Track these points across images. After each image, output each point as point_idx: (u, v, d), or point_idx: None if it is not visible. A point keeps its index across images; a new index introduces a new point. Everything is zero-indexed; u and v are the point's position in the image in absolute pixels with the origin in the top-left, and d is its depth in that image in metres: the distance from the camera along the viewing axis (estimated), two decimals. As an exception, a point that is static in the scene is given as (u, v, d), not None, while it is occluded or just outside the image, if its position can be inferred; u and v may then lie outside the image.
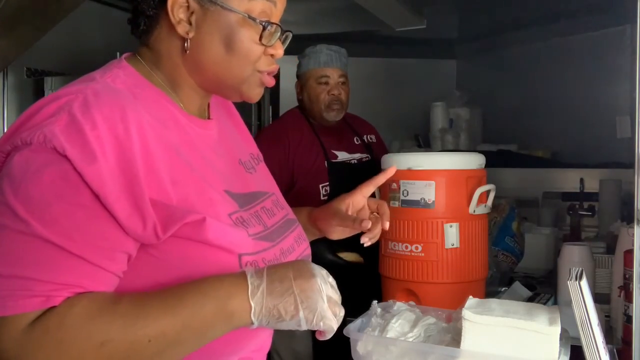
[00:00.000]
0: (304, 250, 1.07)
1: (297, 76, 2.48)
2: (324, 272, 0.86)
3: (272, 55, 0.97)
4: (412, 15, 3.36)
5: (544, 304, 1.77)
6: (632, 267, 1.29)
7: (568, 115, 3.66)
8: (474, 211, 1.68)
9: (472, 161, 1.76)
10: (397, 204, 1.70)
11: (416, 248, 1.67)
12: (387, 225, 1.20)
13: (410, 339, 1.27)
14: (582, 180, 2.73)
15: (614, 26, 3.30)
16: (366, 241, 1.20)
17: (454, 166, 1.71)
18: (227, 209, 0.89)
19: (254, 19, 0.91)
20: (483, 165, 1.78)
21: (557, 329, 1.15)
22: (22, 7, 1.90)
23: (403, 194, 1.69)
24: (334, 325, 0.85)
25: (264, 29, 0.92)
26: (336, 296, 0.86)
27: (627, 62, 2.23)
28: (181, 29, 0.90)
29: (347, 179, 1.70)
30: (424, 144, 4.17)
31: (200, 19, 0.90)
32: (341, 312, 0.86)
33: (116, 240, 0.78)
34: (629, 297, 1.43)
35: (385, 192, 1.76)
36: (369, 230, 1.15)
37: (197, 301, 0.78)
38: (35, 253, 0.74)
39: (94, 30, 2.80)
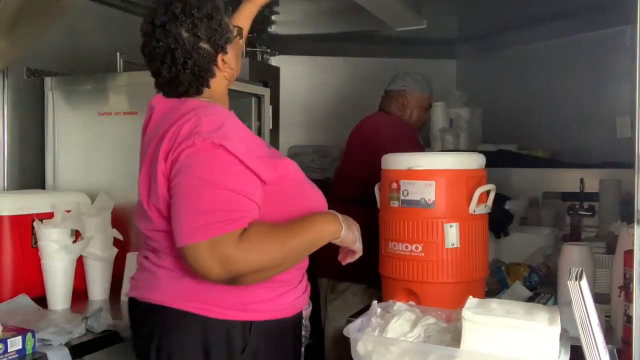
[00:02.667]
0: None
1: (402, 91, 2.72)
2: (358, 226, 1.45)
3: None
4: (412, 15, 3.36)
5: (544, 304, 1.77)
6: (632, 267, 1.29)
7: (568, 115, 3.66)
8: (474, 211, 1.68)
9: (472, 161, 1.76)
10: (397, 204, 1.71)
11: (416, 248, 1.67)
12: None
13: (410, 339, 1.27)
14: (582, 180, 2.73)
15: (614, 26, 3.30)
16: None
17: (454, 166, 1.71)
18: (278, 153, 1.52)
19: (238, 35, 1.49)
20: (483, 165, 1.78)
21: (557, 329, 1.15)
22: (22, 7, 1.90)
23: (403, 194, 1.69)
24: (360, 252, 1.46)
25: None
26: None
27: (627, 62, 2.23)
28: (226, 70, 1.47)
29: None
30: (424, 144, 4.17)
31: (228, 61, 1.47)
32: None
33: (257, 185, 1.30)
34: (629, 297, 1.43)
35: (385, 192, 1.76)
36: None
37: (315, 226, 1.35)
38: (228, 197, 1.25)
39: (94, 30, 2.80)
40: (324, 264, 2.55)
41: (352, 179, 2.58)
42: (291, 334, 1.45)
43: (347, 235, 1.39)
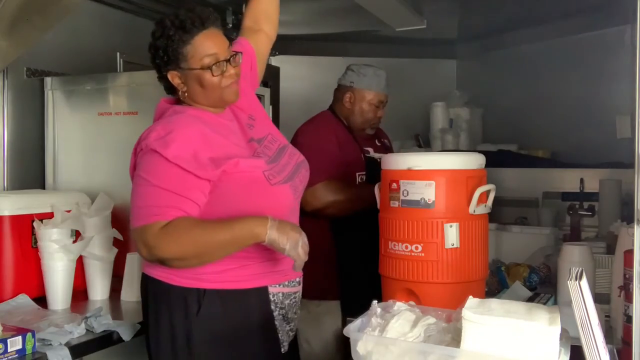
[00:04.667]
0: (297, 159, 1.76)
1: (349, 87, 2.58)
2: (305, 237, 1.55)
3: (229, 75, 1.62)
4: (412, 15, 3.36)
5: (544, 304, 1.77)
6: (632, 267, 1.29)
7: (568, 115, 3.66)
8: (474, 211, 1.68)
9: (472, 161, 1.76)
10: (397, 204, 1.70)
11: (416, 248, 1.67)
12: None
13: (410, 339, 1.27)
14: (582, 180, 2.73)
15: (614, 26, 3.30)
16: None
17: (454, 166, 1.70)
18: (250, 150, 1.65)
19: (203, 68, 1.60)
20: (483, 165, 1.78)
21: (557, 329, 1.15)
22: (22, 7, 1.90)
23: (403, 194, 1.69)
24: (299, 260, 1.54)
25: (212, 70, 1.60)
26: (306, 249, 1.55)
27: (627, 62, 2.23)
28: (180, 88, 1.64)
29: (377, 171, 1.89)
30: (424, 144, 4.17)
31: (185, 79, 1.63)
32: (305, 256, 1.55)
33: (193, 184, 1.50)
34: (629, 297, 1.43)
35: (385, 192, 1.76)
36: None
37: (237, 227, 1.50)
38: (159, 194, 1.49)
39: (94, 30, 2.80)
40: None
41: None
42: (254, 304, 1.61)
43: (276, 241, 1.49)
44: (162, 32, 1.59)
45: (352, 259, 2.35)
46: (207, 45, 1.59)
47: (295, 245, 1.51)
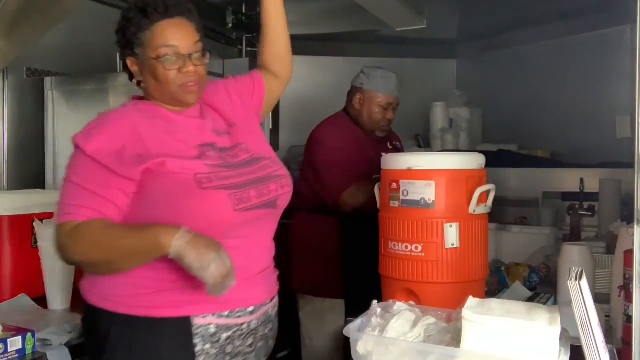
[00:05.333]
0: (271, 172, 1.53)
1: (359, 88, 2.63)
2: (226, 258, 1.28)
3: (187, 72, 1.45)
4: (412, 15, 3.36)
5: (544, 304, 1.77)
6: (632, 267, 1.29)
7: (568, 115, 3.66)
8: (474, 211, 1.68)
9: (472, 161, 1.76)
10: (397, 204, 1.70)
11: (416, 248, 1.67)
12: None
13: (410, 339, 1.27)
14: (582, 180, 2.73)
15: (614, 26, 3.30)
16: None
17: (454, 166, 1.70)
18: (193, 153, 1.43)
19: (158, 58, 1.44)
20: (483, 165, 1.78)
21: (557, 329, 1.15)
22: (22, 7, 1.90)
23: (403, 194, 1.69)
24: (210, 283, 1.27)
25: (164, 62, 1.44)
26: (224, 271, 1.27)
27: (627, 62, 2.22)
28: (137, 77, 1.51)
29: None
30: (424, 144, 4.17)
31: (142, 68, 1.48)
32: (229, 281, 1.28)
33: (110, 182, 1.35)
34: (629, 297, 1.43)
35: (385, 192, 1.76)
36: None
37: (144, 235, 1.32)
38: (74, 192, 1.37)
39: (94, 30, 2.80)
40: (298, 279, 2.57)
41: (304, 189, 2.60)
42: (168, 336, 1.39)
43: (182, 255, 1.26)
44: (126, 13, 1.49)
45: (358, 258, 2.36)
46: (166, 34, 1.44)
47: (205, 265, 1.25)
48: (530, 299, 1.86)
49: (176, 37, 1.44)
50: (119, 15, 1.52)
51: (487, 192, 1.72)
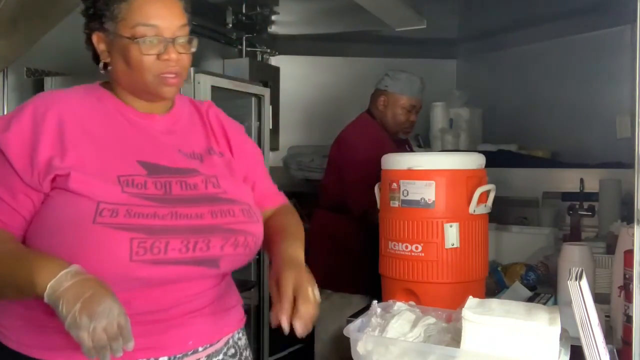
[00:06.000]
0: (227, 224, 1.19)
1: (383, 90, 2.67)
2: (118, 316, 0.95)
3: (167, 60, 1.19)
4: (412, 15, 3.36)
5: (544, 304, 1.77)
6: (632, 267, 1.29)
7: (568, 115, 3.66)
8: (474, 211, 1.68)
9: (472, 161, 1.76)
10: (397, 204, 1.70)
11: (416, 248, 1.67)
12: (298, 326, 1.13)
13: (410, 339, 1.27)
14: (582, 180, 2.73)
15: (614, 26, 3.30)
16: (286, 327, 1.12)
17: (454, 166, 1.70)
18: (121, 171, 1.13)
19: (133, 39, 1.17)
20: (483, 165, 1.78)
21: (557, 329, 1.15)
22: (22, 7, 1.90)
23: (403, 194, 1.69)
24: (85, 346, 0.94)
25: (141, 44, 1.17)
26: (112, 332, 0.94)
27: (627, 62, 2.23)
28: (103, 57, 1.25)
29: None
30: (424, 144, 4.17)
31: (110, 47, 1.22)
32: (117, 345, 0.94)
33: (12, 184, 1.10)
34: (629, 297, 1.43)
35: (385, 192, 1.76)
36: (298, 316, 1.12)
37: (27, 265, 1.02)
38: None
39: (94, 30, 2.80)
40: (319, 272, 2.58)
41: (328, 189, 2.66)
42: None
43: (56, 304, 0.95)
44: None
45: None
46: (147, 10, 1.17)
47: (81, 322, 0.92)
48: (530, 299, 1.86)
49: (159, 15, 1.18)
50: None
51: (487, 192, 1.72)
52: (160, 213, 1.11)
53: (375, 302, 1.45)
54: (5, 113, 2.44)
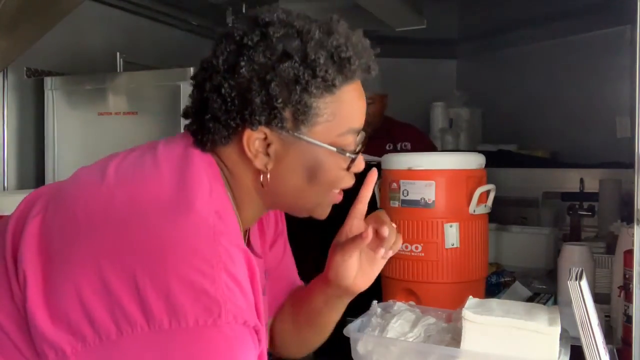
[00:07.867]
0: None
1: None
2: None
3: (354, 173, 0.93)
4: (412, 15, 3.35)
5: (544, 304, 1.77)
6: (632, 267, 1.29)
7: (568, 115, 3.66)
8: (474, 211, 1.68)
9: (472, 161, 1.76)
10: (397, 204, 1.70)
11: (416, 248, 1.67)
12: (385, 231, 0.98)
13: (410, 339, 1.27)
14: (582, 180, 2.73)
15: (614, 26, 3.30)
16: (382, 253, 0.99)
17: (454, 166, 1.70)
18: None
19: (343, 152, 0.87)
20: (483, 165, 1.78)
21: (557, 329, 1.15)
22: (22, 7, 1.90)
23: (403, 194, 1.69)
24: None
25: (353, 160, 0.88)
26: None
27: (627, 62, 2.23)
28: (259, 163, 0.85)
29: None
30: (423, 144, 4.16)
31: (281, 152, 0.85)
32: None
33: None
34: (629, 297, 1.43)
35: (385, 192, 1.76)
36: (384, 239, 0.97)
37: None
38: None
39: (94, 30, 2.80)
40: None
41: None
42: None
43: None
44: (292, 44, 0.90)
45: None
46: (358, 108, 0.92)
47: None
48: (530, 299, 1.86)
49: (363, 114, 0.92)
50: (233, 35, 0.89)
51: (487, 192, 1.72)
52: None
53: (375, 302, 1.45)
54: (5, 113, 2.44)
